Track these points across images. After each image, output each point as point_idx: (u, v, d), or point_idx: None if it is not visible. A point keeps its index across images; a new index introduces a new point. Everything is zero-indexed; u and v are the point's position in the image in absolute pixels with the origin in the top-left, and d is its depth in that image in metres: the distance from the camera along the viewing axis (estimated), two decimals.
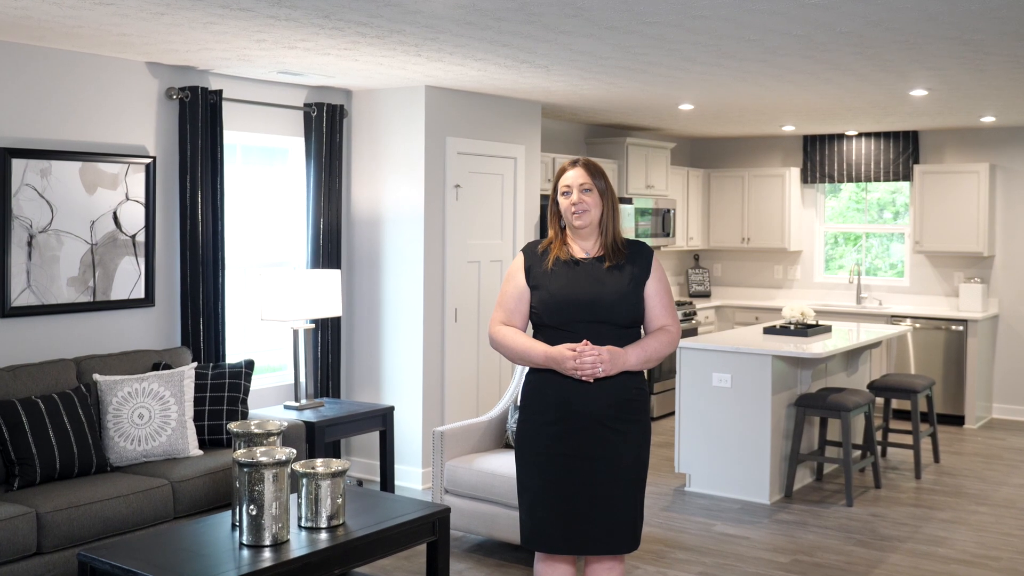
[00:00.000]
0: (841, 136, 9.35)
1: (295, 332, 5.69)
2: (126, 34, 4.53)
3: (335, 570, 3.61)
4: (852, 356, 7.01)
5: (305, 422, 5.35)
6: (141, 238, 5.28)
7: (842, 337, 6.72)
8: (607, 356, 3.11)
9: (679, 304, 8.95)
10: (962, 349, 8.36)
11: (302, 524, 3.72)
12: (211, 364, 5.21)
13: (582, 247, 3.32)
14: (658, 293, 3.29)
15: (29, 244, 4.79)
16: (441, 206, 6.30)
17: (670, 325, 3.29)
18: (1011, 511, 5.96)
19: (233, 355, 5.85)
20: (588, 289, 3.22)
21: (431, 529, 4.00)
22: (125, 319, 5.26)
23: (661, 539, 5.33)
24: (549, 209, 3.37)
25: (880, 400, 7.94)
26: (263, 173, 6.26)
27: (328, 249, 6.25)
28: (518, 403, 4.87)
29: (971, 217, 8.57)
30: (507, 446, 5.28)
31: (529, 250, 3.37)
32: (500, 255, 6.79)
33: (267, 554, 3.45)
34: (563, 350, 3.13)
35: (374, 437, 6.22)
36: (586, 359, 3.10)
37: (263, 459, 3.45)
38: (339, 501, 3.74)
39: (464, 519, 4.95)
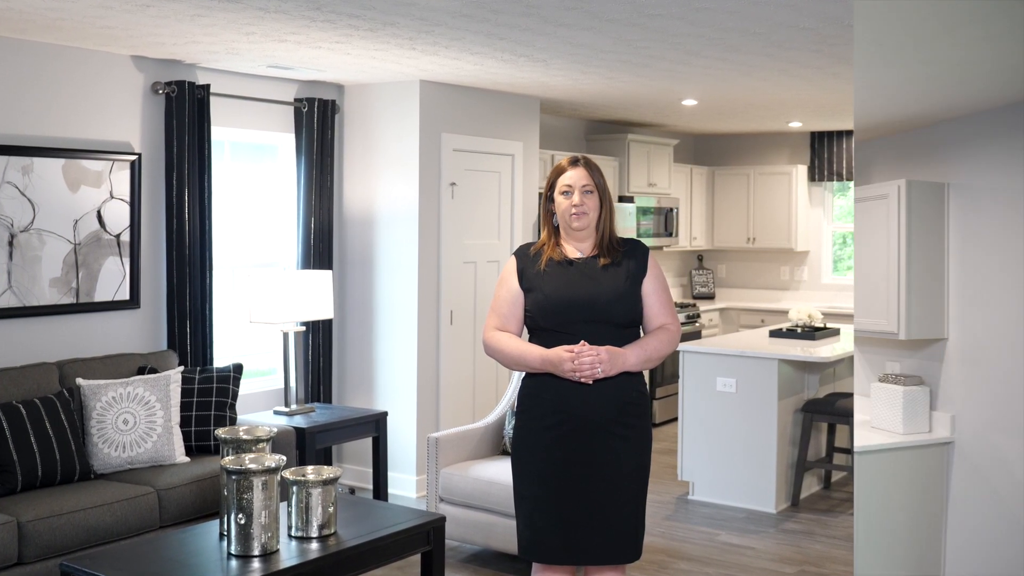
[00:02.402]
0: (850, 132, 9.27)
1: (285, 335, 5.63)
2: (110, 27, 4.49)
3: None
4: None
5: (295, 428, 5.31)
6: (126, 238, 5.21)
7: (851, 340, 6.64)
8: (606, 356, 3.06)
9: (682, 307, 8.84)
10: None
11: (292, 533, 3.72)
12: (198, 368, 5.18)
13: (577, 247, 3.29)
14: (656, 291, 3.25)
15: (10, 244, 4.74)
16: (436, 205, 6.21)
17: (669, 323, 3.25)
18: None
19: (221, 359, 5.79)
20: (584, 289, 3.17)
21: (425, 539, 4.00)
22: (109, 321, 5.19)
23: (663, 549, 5.26)
24: (543, 208, 3.31)
25: None
26: (252, 170, 6.22)
27: (319, 249, 6.19)
28: (515, 408, 4.78)
29: None
30: (504, 453, 5.25)
31: (521, 253, 3.33)
32: (497, 255, 6.70)
33: (256, 564, 3.44)
34: (560, 352, 3.09)
35: (367, 444, 6.15)
36: (584, 360, 3.05)
37: (252, 466, 3.46)
38: (330, 510, 3.72)
39: (459, 528, 4.90)
